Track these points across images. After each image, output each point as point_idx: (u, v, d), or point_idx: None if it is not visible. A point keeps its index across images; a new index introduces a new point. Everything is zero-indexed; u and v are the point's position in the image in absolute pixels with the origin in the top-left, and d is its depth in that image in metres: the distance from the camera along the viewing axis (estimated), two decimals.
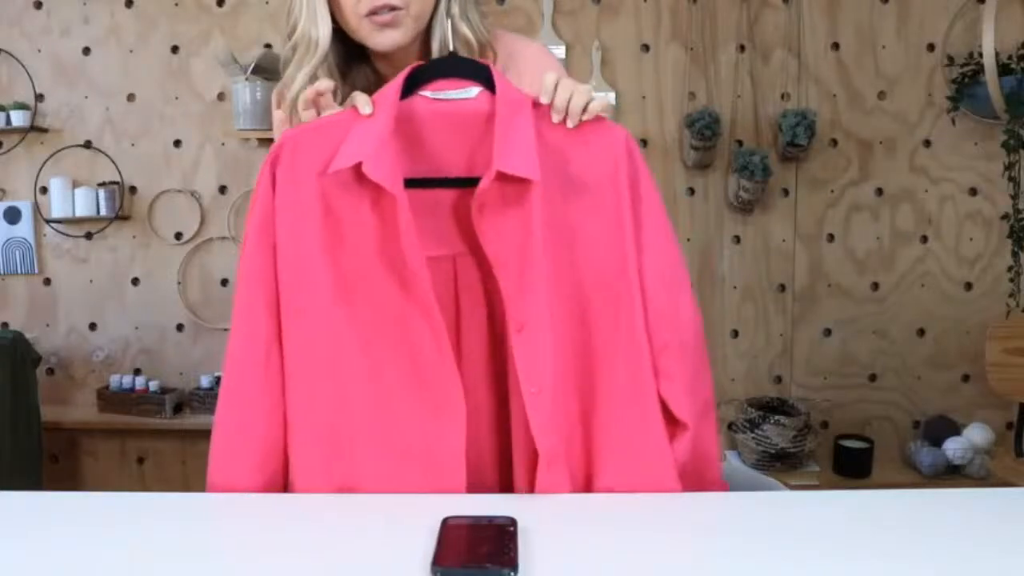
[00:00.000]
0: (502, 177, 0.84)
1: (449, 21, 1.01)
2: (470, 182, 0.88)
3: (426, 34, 1.03)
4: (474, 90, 0.91)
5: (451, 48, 0.97)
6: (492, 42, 1.06)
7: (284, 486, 0.91)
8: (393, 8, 0.97)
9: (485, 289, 0.90)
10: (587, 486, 0.90)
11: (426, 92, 0.90)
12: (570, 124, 0.90)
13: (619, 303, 0.89)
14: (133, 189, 2.60)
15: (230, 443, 0.91)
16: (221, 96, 2.55)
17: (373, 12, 0.97)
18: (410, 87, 0.90)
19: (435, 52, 1.03)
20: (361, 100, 0.89)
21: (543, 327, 0.86)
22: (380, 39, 0.99)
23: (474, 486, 0.89)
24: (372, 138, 0.85)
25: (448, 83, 0.90)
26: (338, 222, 0.87)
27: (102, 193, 2.55)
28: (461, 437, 0.86)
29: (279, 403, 0.89)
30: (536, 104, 0.89)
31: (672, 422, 0.91)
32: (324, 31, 0.98)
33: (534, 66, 1.06)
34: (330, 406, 0.88)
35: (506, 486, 0.93)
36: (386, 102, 0.88)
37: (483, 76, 0.91)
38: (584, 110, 0.90)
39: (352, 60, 1.06)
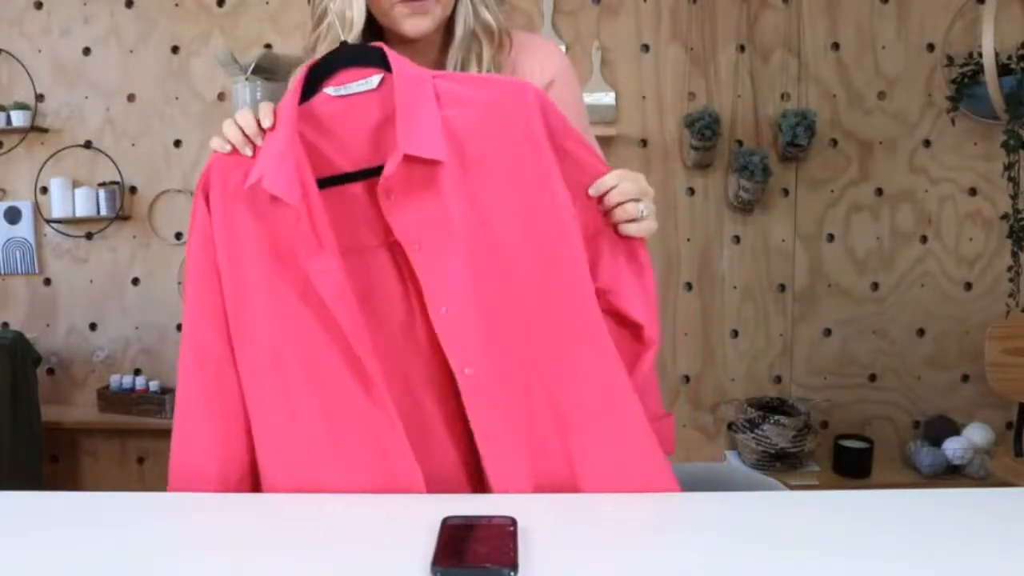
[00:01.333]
0: (409, 160, 0.82)
1: (471, 7, 1.05)
2: (372, 172, 0.86)
3: (448, 22, 1.05)
4: (375, 79, 0.89)
5: (472, 32, 1.02)
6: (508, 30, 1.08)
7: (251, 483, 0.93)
8: None
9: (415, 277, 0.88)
10: (566, 469, 0.89)
11: (328, 89, 0.89)
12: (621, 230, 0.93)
13: (562, 266, 0.88)
14: (133, 189, 2.60)
15: (187, 463, 0.93)
16: (221, 96, 2.55)
17: (405, 0, 0.99)
18: (312, 87, 0.89)
19: (458, 37, 1.05)
20: (263, 112, 0.88)
21: (467, 307, 0.84)
22: (410, 25, 1.01)
23: (438, 479, 0.88)
24: (273, 150, 0.85)
25: (350, 74, 0.89)
26: (266, 237, 0.87)
27: (102, 193, 2.55)
28: (399, 431, 0.85)
29: (234, 420, 0.91)
30: (437, 77, 0.88)
31: (637, 338, 0.95)
32: (359, 12, 1.00)
33: (541, 58, 1.09)
34: (283, 421, 0.88)
35: (474, 477, 0.91)
36: (285, 111, 0.87)
37: (381, 60, 0.88)
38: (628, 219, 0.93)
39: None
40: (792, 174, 2.55)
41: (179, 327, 2.64)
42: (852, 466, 2.48)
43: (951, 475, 2.45)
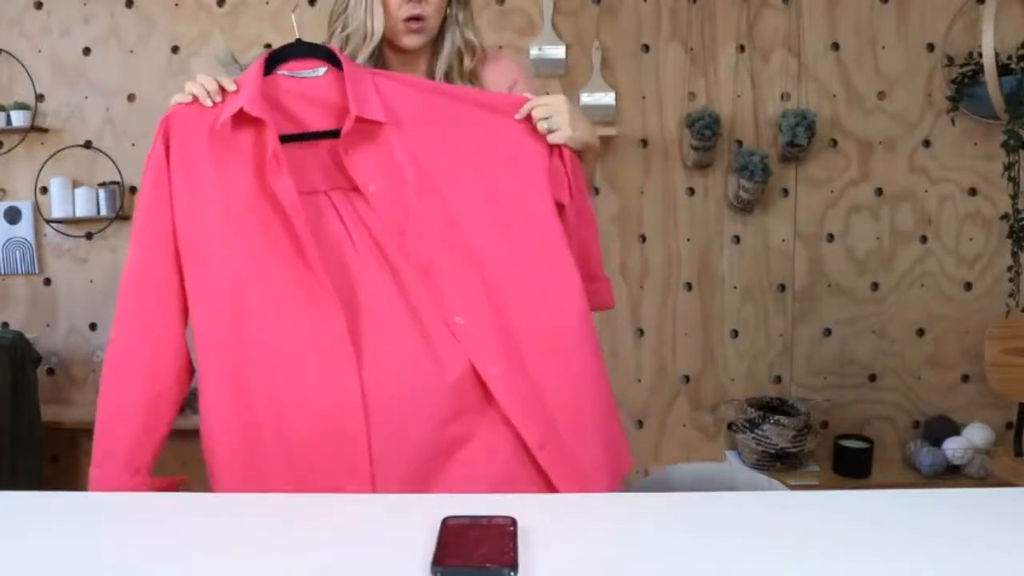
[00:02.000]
0: (360, 121, 1.05)
1: (458, 29, 1.31)
2: (329, 134, 1.08)
3: (438, 38, 1.31)
4: (321, 70, 1.13)
5: (459, 49, 1.28)
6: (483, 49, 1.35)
7: (174, 403, 1.09)
8: (422, 19, 1.26)
9: (364, 220, 1.08)
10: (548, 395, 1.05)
11: (283, 71, 1.12)
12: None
13: (506, 193, 1.11)
14: (133, 189, 2.60)
15: (120, 364, 1.07)
16: None
17: (409, 19, 1.25)
18: (270, 67, 1.11)
19: (445, 52, 1.30)
20: (226, 80, 1.11)
21: (426, 231, 1.06)
22: (408, 40, 1.27)
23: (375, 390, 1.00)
24: (245, 95, 1.05)
25: (298, 64, 1.13)
26: (225, 172, 1.05)
27: (102, 193, 2.55)
28: (341, 327, 1.00)
29: (170, 329, 1.07)
30: (374, 73, 1.14)
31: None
32: (379, 24, 1.25)
33: (503, 69, 1.36)
34: (229, 327, 1.03)
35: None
36: (252, 75, 1.09)
37: (329, 57, 1.13)
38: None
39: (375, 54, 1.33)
40: (792, 174, 2.55)
41: None
42: (852, 466, 2.48)
43: (951, 475, 2.45)
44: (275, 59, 1.12)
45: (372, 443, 0.99)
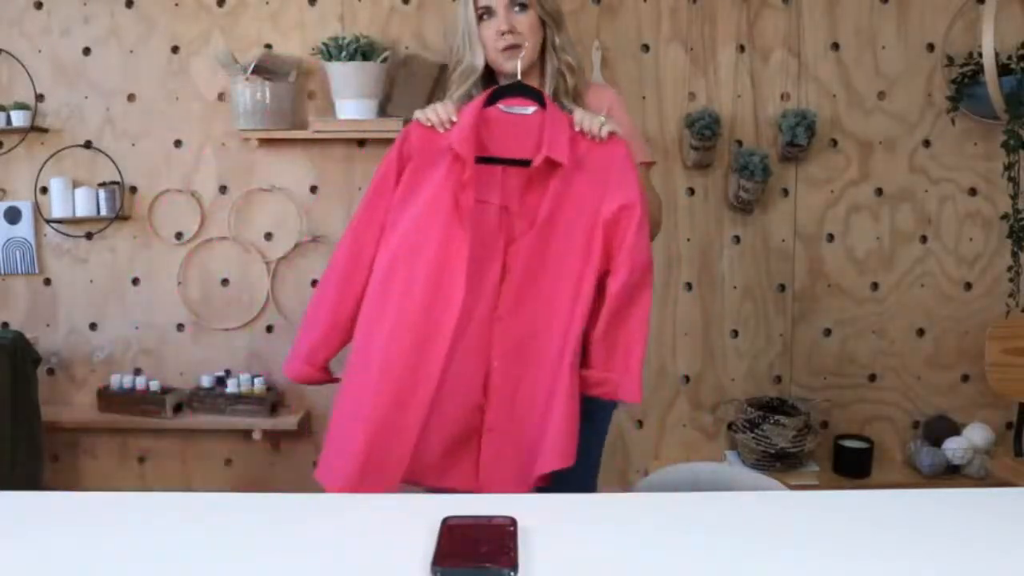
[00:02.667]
0: (546, 160, 1.43)
1: (555, 52, 1.62)
2: (520, 163, 1.46)
3: (542, 62, 1.64)
4: (531, 108, 1.48)
5: (559, 70, 1.61)
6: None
7: (348, 331, 1.50)
8: (517, 46, 1.58)
9: (514, 235, 1.47)
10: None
11: (500, 105, 1.49)
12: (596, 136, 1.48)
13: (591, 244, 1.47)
14: (133, 189, 2.60)
15: (321, 291, 1.53)
16: (221, 96, 2.55)
17: (506, 48, 1.58)
18: (492, 100, 1.49)
19: (548, 73, 1.63)
20: (452, 111, 1.49)
21: (558, 272, 1.47)
22: (510, 65, 1.57)
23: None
24: (459, 133, 1.45)
25: (515, 101, 1.49)
26: (433, 175, 1.47)
27: (102, 193, 2.55)
28: (460, 287, 1.42)
29: (357, 284, 1.49)
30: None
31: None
32: (480, 60, 1.61)
33: (601, 95, 1.70)
34: (386, 272, 1.47)
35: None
36: (473, 108, 1.47)
37: (538, 98, 1.49)
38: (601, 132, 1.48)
39: (487, 80, 1.66)
40: (792, 174, 2.55)
41: (179, 327, 2.65)
42: (852, 466, 2.48)
43: (951, 475, 2.45)
44: (497, 94, 1.49)
45: (446, 368, 1.42)
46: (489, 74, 1.65)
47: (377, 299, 1.45)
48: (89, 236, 2.62)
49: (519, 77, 1.52)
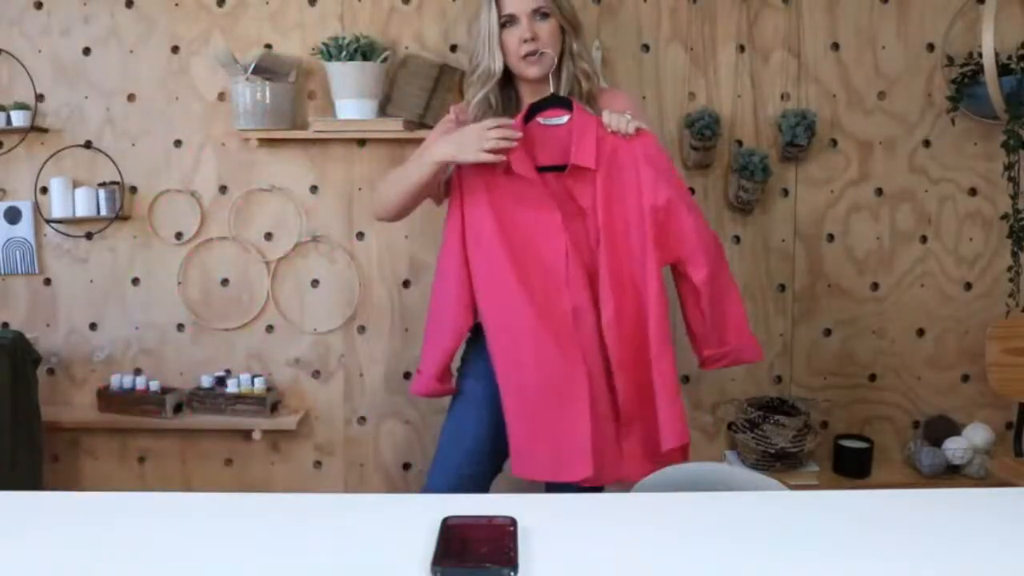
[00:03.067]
0: (575, 166, 1.65)
1: (572, 60, 1.73)
2: (560, 168, 1.67)
3: (558, 69, 1.74)
4: (565, 117, 1.66)
5: (575, 76, 1.74)
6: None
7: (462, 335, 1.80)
8: (537, 52, 1.69)
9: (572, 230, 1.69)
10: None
11: (539, 119, 1.67)
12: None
13: (644, 238, 1.66)
14: (133, 189, 2.60)
15: (436, 312, 1.80)
16: (221, 96, 2.55)
17: (527, 55, 1.69)
18: (531, 115, 1.67)
19: (564, 79, 1.74)
20: (511, 131, 1.64)
21: (629, 258, 1.68)
22: (530, 71, 1.71)
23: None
24: (518, 151, 1.64)
25: (551, 113, 1.67)
26: (494, 191, 1.68)
27: (102, 193, 2.55)
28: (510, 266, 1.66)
29: (466, 297, 1.73)
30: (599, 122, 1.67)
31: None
32: (499, 65, 1.71)
33: (618, 99, 1.83)
34: (492, 294, 1.71)
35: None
36: (518, 127, 1.64)
37: (570, 106, 1.66)
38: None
39: (504, 83, 1.76)
40: (792, 174, 2.55)
41: (179, 327, 2.65)
42: (852, 466, 2.48)
43: (951, 475, 2.44)
44: (535, 109, 1.67)
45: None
46: (507, 79, 1.76)
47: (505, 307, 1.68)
48: (89, 236, 2.62)
49: (537, 81, 1.72)
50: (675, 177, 1.69)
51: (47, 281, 2.65)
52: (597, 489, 1.77)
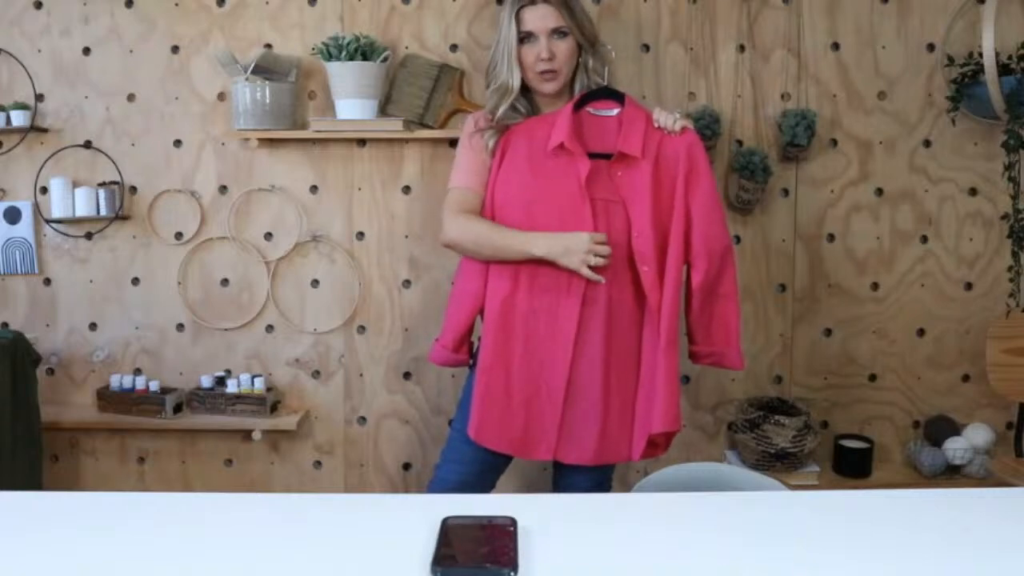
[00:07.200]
0: (622, 154, 1.73)
1: (586, 75, 1.85)
2: (607, 156, 1.74)
3: (572, 83, 1.86)
4: (616, 110, 1.77)
5: (588, 88, 1.84)
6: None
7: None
8: (553, 70, 1.79)
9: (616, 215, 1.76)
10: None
11: (589, 108, 1.78)
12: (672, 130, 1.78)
13: (673, 227, 1.76)
14: (133, 189, 2.60)
15: (458, 293, 1.90)
16: (221, 96, 2.55)
17: (542, 72, 1.79)
18: (581, 104, 1.78)
19: (576, 91, 1.84)
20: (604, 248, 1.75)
21: (646, 228, 1.73)
22: (545, 87, 1.82)
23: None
24: (563, 130, 1.72)
25: (602, 104, 1.78)
26: (536, 166, 1.77)
27: (102, 193, 2.55)
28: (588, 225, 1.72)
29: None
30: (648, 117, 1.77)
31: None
32: (517, 80, 1.80)
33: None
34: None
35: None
36: (566, 112, 1.75)
37: (621, 99, 1.78)
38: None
39: (522, 94, 1.85)
40: (792, 174, 2.55)
41: (179, 327, 2.64)
42: (852, 466, 2.48)
43: (951, 475, 2.44)
44: (586, 99, 1.78)
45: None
46: (525, 88, 1.85)
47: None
48: (89, 236, 2.62)
49: (552, 95, 1.86)
50: (711, 179, 1.78)
51: (47, 281, 2.65)
52: (600, 476, 1.94)
